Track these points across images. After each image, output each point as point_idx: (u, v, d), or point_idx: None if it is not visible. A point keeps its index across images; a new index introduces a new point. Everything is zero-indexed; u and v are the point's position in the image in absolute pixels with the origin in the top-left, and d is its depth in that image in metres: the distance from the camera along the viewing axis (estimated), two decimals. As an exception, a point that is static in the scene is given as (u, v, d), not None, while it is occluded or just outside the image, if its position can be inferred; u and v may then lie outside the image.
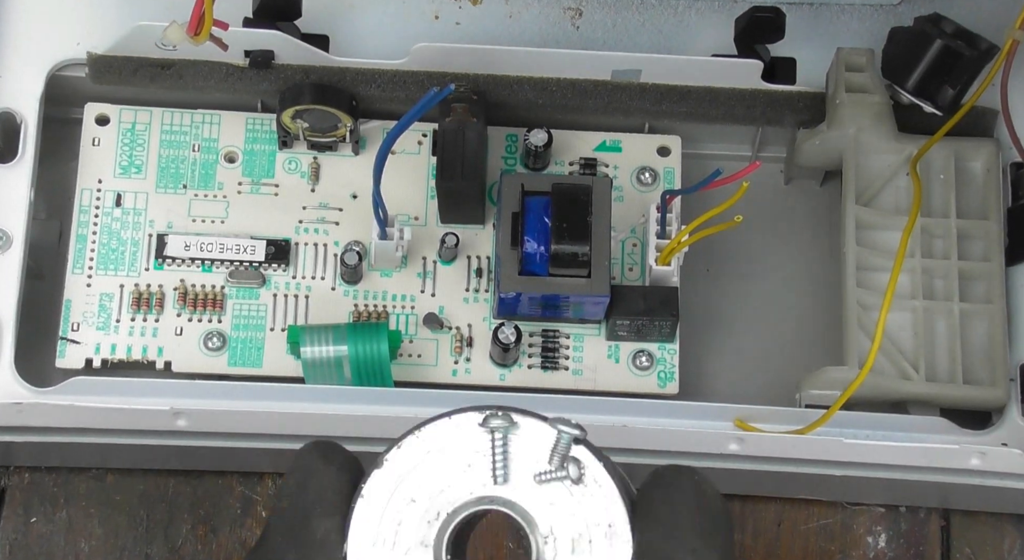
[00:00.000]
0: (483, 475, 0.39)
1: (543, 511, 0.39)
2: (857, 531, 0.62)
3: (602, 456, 0.40)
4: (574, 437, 0.39)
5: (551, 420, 0.39)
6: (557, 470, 0.39)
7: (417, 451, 0.40)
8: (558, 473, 0.39)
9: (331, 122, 0.60)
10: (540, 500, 0.39)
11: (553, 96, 0.61)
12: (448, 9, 0.65)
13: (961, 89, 0.59)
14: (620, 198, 0.62)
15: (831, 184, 0.64)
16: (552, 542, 0.39)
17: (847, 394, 0.56)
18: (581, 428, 0.39)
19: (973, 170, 0.61)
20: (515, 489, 0.39)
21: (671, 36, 0.64)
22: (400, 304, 0.61)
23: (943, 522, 0.62)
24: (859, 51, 0.60)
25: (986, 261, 0.60)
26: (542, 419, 0.40)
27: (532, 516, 0.39)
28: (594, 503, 0.39)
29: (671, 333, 0.60)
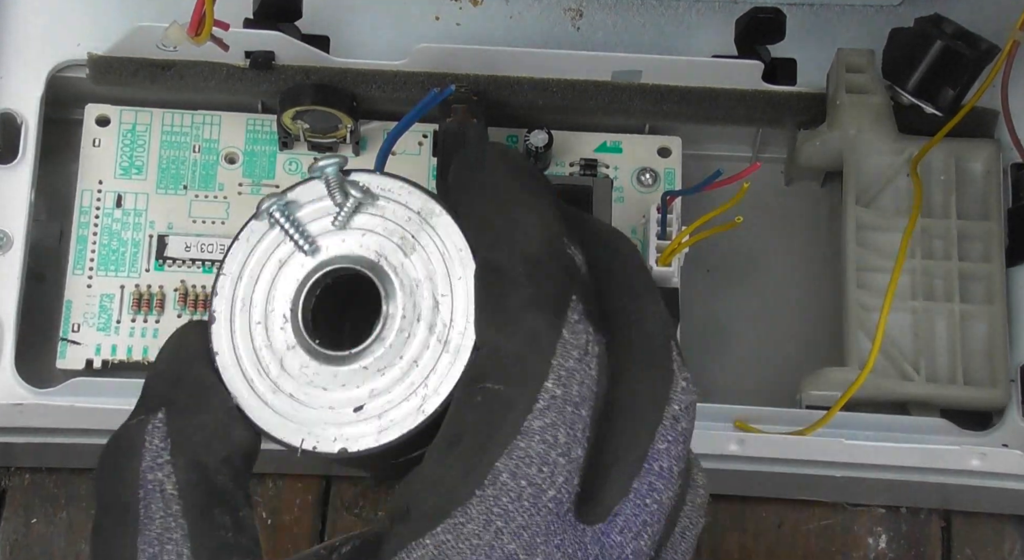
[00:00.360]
0: (297, 258, 0.38)
1: (365, 244, 0.37)
2: (858, 532, 0.62)
3: (372, 170, 0.39)
4: (337, 165, 0.38)
5: (311, 170, 0.38)
6: (344, 203, 0.38)
7: (233, 271, 0.38)
8: (347, 204, 0.38)
9: (332, 123, 0.60)
10: (355, 241, 0.38)
11: (553, 97, 0.61)
12: (449, 10, 0.65)
13: (962, 90, 0.59)
14: (620, 199, 0.62)
15: (832, 185, 0.64)
16: (398, 255, 0.37)
17: (847, 395, 0.56)
18: (341, 156, 0.38)
19: (973, 171, 0.61)
20: (329, 247, 0.38)
21: (672, 37, 0.64)
22: (400, 305, 0.61)
23: (944, 523, 0.62)
24: (860, 52, 0.60)
25: (986, 262, 0.60)
26: (308, 180, 0.38)
27: (360, 254, 0.37)
28: (396, 209, 0.38)
29: (671, 334, 0.60)
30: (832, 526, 0.62)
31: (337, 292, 0.38)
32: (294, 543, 0.61)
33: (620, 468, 0.33)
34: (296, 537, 0.61)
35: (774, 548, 0.62)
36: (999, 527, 0.62)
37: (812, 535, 0.62)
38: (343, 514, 0.61)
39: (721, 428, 0.57)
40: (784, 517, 0.62)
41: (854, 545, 0.61)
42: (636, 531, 0.33)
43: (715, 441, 0.56)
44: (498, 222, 0.35)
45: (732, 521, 0.62)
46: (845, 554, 0.61)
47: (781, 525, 0.62)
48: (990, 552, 0.62)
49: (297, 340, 0.38)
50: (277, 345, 0.38)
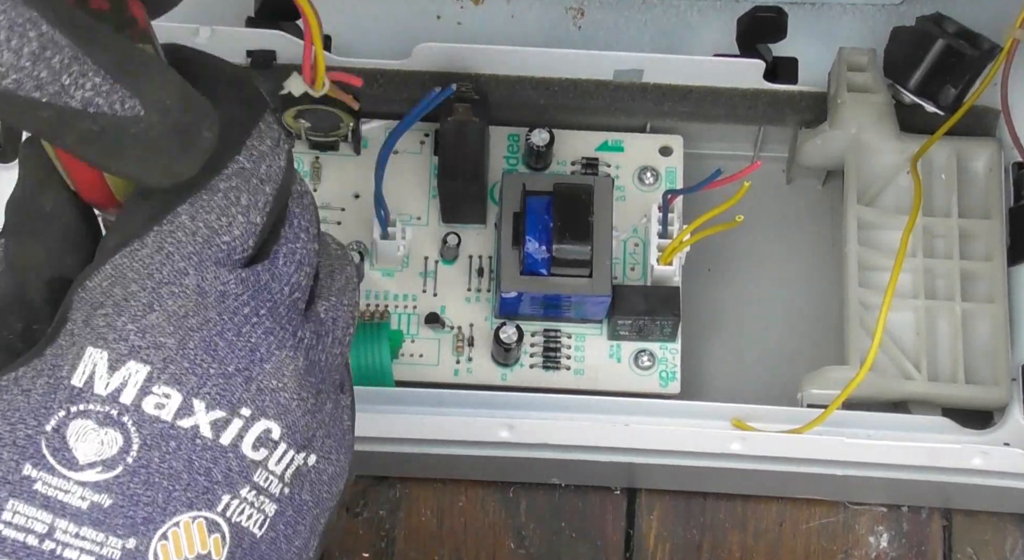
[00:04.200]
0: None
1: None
2: (859, 531, 0.62)
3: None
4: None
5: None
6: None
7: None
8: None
9: (333, 122, 0.60)
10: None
11: (555, 96, 0.61)
12: (450, 9, 0.65)
13: (963, 89, 0.59)
14: (622, 198, 0.62)
15: (833, 184, 0.64)
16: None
17: (846, 393, 0.56)
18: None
19: (975, 170, 0.61)
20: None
21: (673, 36, 0.65)
22: (401, 304, 0.61)
23: (945, 522, 0.62)
24: (861, 51, 0.60)
25: (988, 261, 0.60)
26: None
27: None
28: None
29: (673, 333, 0.60)
30: (833, 525, 0.62)
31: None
32: (295, 542, 0.61)
33: (274, 228, 0.39)
34: (297, 536, 0.61)
35: (775, 547, 0.62)
36: (1000, 526, 0.62)
37: (813, 534, 0.62)
38: (343, 514, 0.61)
39: (722, 427, 0.57)
40: (785, 516, 0.62)
41: (855, 544, 0.61)
42: (295, 265, 0.39)
43: (716, 440, 0.56)
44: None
45: (733, 520, 0.62)
46: (846, 553, 0.61)
47: (782, 524, 0.62)
48: (991, 551, 0.62)
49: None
50: None
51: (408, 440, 0.56)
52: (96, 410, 0.37)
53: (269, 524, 0.38)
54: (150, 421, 0.37)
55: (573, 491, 0.62)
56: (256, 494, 0.38)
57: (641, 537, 0.62)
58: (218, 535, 0.37)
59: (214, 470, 0.37)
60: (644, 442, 0.56)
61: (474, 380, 0.60)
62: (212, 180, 0.37)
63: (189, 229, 0.37)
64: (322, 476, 0.40)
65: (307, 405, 0.39)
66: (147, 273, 0.37)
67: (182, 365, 0.37)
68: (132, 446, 0.37)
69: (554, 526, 0.61)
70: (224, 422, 0.37)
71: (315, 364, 0.39)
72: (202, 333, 0.37)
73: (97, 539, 0.36)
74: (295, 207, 0.39)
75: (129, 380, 0.37)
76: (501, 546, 0.61)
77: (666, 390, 0.60)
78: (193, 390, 0.37)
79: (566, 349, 0.60)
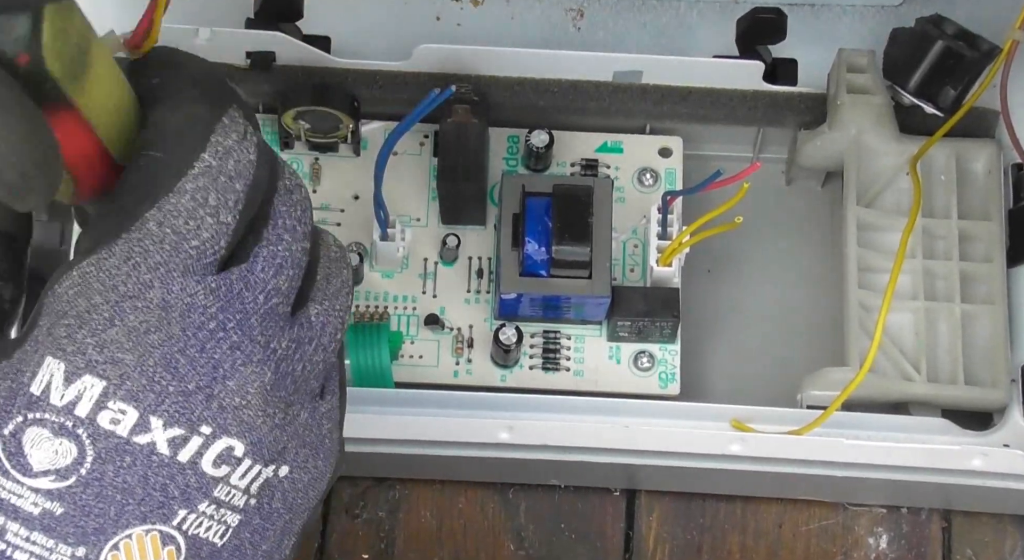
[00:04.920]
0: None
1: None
2: (858, 532, 0.62)
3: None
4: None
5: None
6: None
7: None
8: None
9: (332, 123, 0.60)
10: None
11: (554, 97, 0.61)
12: (449, 10, 0.65)
13: (963, 90, 0.59)
14: (621, 199, 0.62)
15: (832, 185, 0.64)
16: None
17: (845, 394, 0.56)
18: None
19: (974, 171, 0.61)
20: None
21: (672, 37, 0.65)
22: (401, 305, 0.61)
23: (944, 523, 0.62)
24: (860, 52, 0.60)
25: (987, 262, 0.60)
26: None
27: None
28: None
29: (672, 334, 0.60)
30: (833, 526, 0.62)
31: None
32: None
33: (253, 224, 0.38)
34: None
35: (775, 548, 0.62)
36: (1000, 527, 0.62)
37: (813, 535, 0.62)
38: (343, 516, 0.61)
39: (722, 428, 0.57)
40: (785, 517, 0.62)
41: (855, 545, 0.61)
42: (274, 269, 0.38)
43: (716, 441, 0.56)
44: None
45: (733, 521, 0.62)
46: (846, 554, 0.61)
47: (782, 525, 0.62)
48: (991, 552, 0.62)
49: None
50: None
51: (408, 441, 0.56)
52: (51, 420, 0.37)
53: (232, 534, 0.38)
54: (105, 435, 0.37)
55: (573, 492, 0.62)
56: (216, 508, 0.38)
57: (641, 538, 0.62)
58: (172, 547, 0.37)
59: (170, 486, 0.37)
60: (644, 443, 0.56)
61: (474, 381, 0.60)
62: (179, 182, 0.37)
63: (156, 237, 0.37)
64: (296, 484, 0.39)
65: (274, 420, 0.38)
66: (112, 285, 0.37)
67: (139, 382, 0.37)
68: (86, 458, 0.37)
69: (554, 527, 0.61)
70: (182, 440, 0.37)
71: (287, 376, 0.39)
72: (163, 350, 0.37)
73: (47, 545, 0.36)
74: (280, 205, 0.39)
75: (84, 394, 0.37)
76: (501, 547, 0.61)
77: (665, 391, 0.60)
78: (150, 407, 0.37)
79: (566, 350, 0.60)
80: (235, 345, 0.38)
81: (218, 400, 0.37)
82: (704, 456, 0.56)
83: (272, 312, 0.38)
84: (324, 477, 0.40)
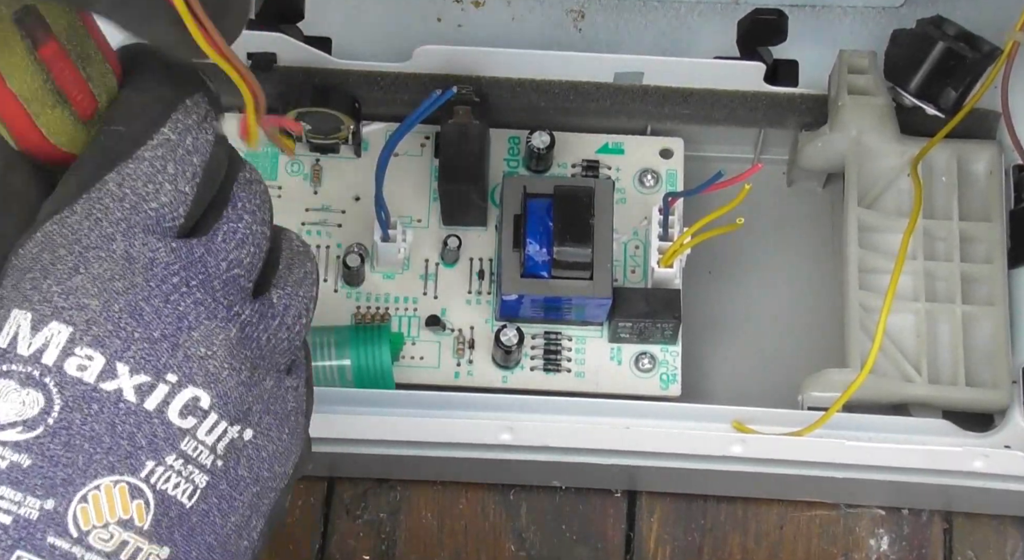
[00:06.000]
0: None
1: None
2: (859, 533, 0.62)
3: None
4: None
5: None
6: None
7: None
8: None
9: (333, 124, 0.61)
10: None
11: (555, 98, 0.61)
12: (450, 11, 0.65)
13: (964, 91, 0.59)
14: (622, 200, 0.62)
15: (833, 186, 0.64)
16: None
17: (846, 395, 0.56)
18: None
19: (976, 172, 0.61)
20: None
21: (673, 38, 0.65)
22: (402, 306, 0.61)
23: (946, 525, 0.62)
24: (861, 53, 0.60)
25: (988, 263, 0.60)
26: None
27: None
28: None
29: (673, 335, 0.60)
30: (834, 528, 0.62)
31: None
32: (296, 545, 0.61)
33: (213, 202, 0.40)
34: (298, 539, 0.61)
35: (776, 549, 0.62)
36: (1001, 528, 0.62)
37: (814, 536, 0.62)
38: (343, 517, 0.61)
39: (723, 430, 0.57)
40: (786, 518, 0.62)
41: (856, 546, 0.61)
42: (236, 243, 0.39)
43: (717, 443, 0.56)
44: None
45: (734, 523, 0.62)
46: (847, 555, 0.61)
47: (783, 526, 0.62)
48: (992, 553, 0.62)
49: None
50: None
51: (409, 443, 0.56)
52: (18, 370, 0.37)
53: (200, 496, 0.38)
54: (72, 383, 0.37)
55: (574, 493, 0.62)
56: (184, 463, 0.38)
57: (642, 540, 0.62)
58: (141, 501, 0.37)
59: (137, 435, 0.37)
60: (645, 445, 0.56)
61: (475, 382, 0.60)
62: (138, 150, 0.38)
63: (116, 195, 0.38)
64: (261, 452, 0.40)
65: (240, 377, 0.39)
66: (75, 239, 0.38)
67: (105, 327, 0.37)
68: (53, 407, 0.37)
69: (555, 529, 0.61)
70: (149, 387, 0.37)
71: (252, 339, 0.39)
72: (127, 297, 0.38)
73: (15, 498, 0.36)
74: (240, 191, 0.40)
75: (51, 340, 0.37)
76: (502, 548, 0.61)
77: (667, 392, 0.60)
78: (117, 353, 0.37)
79: (567, 351, 0.60)
80: (199, 301, 0.38)
81: (183, 349, 0.38)
82: (705, 457, 0.56)
83: (234, 281, 0.39)
84: (289, 454, 0.41)
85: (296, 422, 0.41)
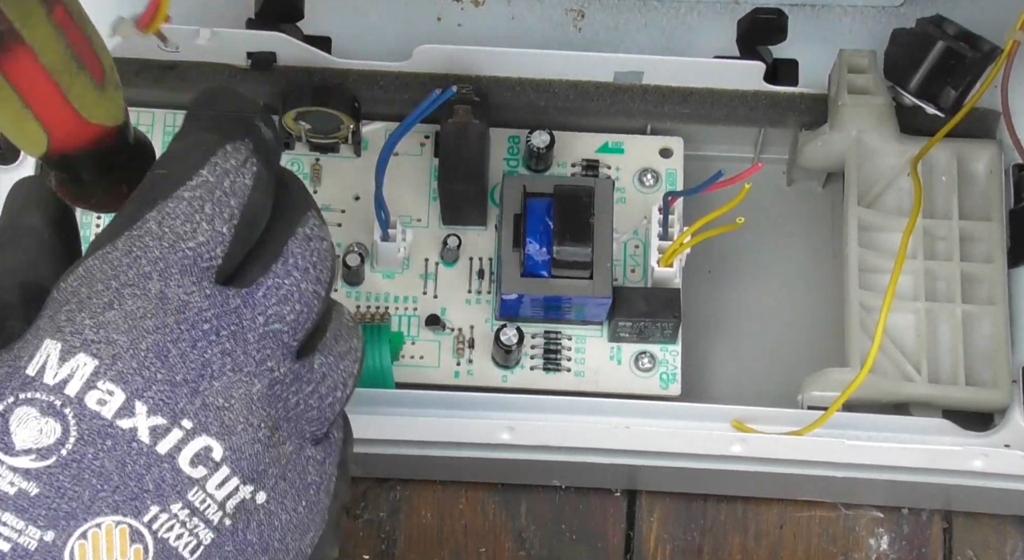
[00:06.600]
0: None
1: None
2: (859, 533, 0.62)
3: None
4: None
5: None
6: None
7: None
8: None
9: (333, 124, 0.61)
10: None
11: (555, 98, 0.61)
12: (450, 11, 0.65)
13: (964, 90, 0.59)
14: (622, 200, 0.62)
15: (833, 186, 0.64)
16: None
17: (846, 394, 0.56)
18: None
19: (976, 171, 0.61)
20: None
21: (673, 38, 0.64)
22: (402, 306, 0.61)
23: (945, 524, 0.62)
24: (861, 53, 0.60)
25: (988, 263, 0.60)
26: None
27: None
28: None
29: (673, 334, 0.60)
30: (834, 527, 0.62)
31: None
32: (296, 544, 0.61)
33: (262, 255, 0.40)
34: (298, 538, 0.61)
35: (776, 549, 0.62)
36: (1001, 528, 0.62)
37: (814, 536, 0.62)
38: (344, 516, 0.61)
39: (723, 429, 0.57)
40: (786, 518, 0.62)
41: (855, 546, 0.61)
42: (278, 299, 0.40)
43: (717, 442, 0.56)
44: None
45: (734, 522, 0.62)
46: (847, 555, 0.61)
47: (783, 526, 0.62)
48: (992, 553, 0.62)
49: None
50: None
51: (408, 442, 0.56)
52: (41, 399, 0.37)
53: (203, 553, 0.38)
54: (90, 416, 0.37)
55: (574, 493, 0.62)
56: (190, 514, 0.37)
57: (642, 539, 0.62)
58: (140, 546, 0.37)
59: (146, 477, 0.37)
60: (645, 444, 0.56)
61: (475, 382, 0.60)
62: (177, 190, 0.39)
63: (156, 234, 0.39)
64: (273, 520, 0.39)
65: (256, 433, 0.39)
66: (113, 275, 0.38)
67: (130, 364, 0.37)
68: (69, 438, 0.37)
69: (555, 528, 0.61)
70: (164, 430, 0.37)
71: (280, 399, 0.39)
72: (156, 336, 0.38)
73: (17, 526, 0.36)
74: (296, 247, 0.40)
75: (76, 372, 0.37)
76: (501, 548, 0.61)
77: (666, 392, 0.60)
78: (137, 392, 0.37)
79: (567, 351, 0.60)
80: (227, 351, 0.39)
81: (202, 397, 0.38)
82: (705, 457, 0.56)
83: (272, 335, 0.39)
84: (306, 530, 0.40)
85: (316, 497, 0.40)
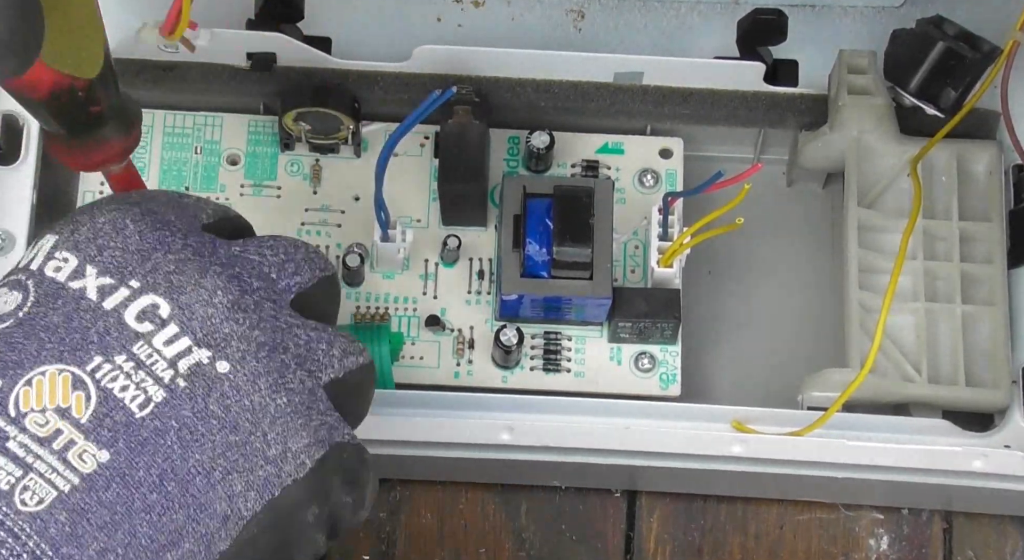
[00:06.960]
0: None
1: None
2: (859, 533, 0.62)
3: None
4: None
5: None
6: None
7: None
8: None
9: (333, 124, 0.60)
10: None
11: (555, 98, 0.61)
12: (450, 11, 0.65)
13: (964, 91, 0.59)
14: (622, 200, 0.62)
15: (833, 186, 0.64)
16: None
17: (845, 395, 0.56)
18: None
19: (975, 172, 0.61)
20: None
21: (673, 38, 0.64)
22: (402, 306, 0.61)
23: (945, 525, 0.62)
24: (861, 53, 0.60)
25: (988, 263, 0.60)
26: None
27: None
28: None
29: (673, 335, 0.60)
30: (834, 527, 0.62)
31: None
32: (296, 544, 0.61)
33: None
34: (298, 538, 0.61)
35: (776, 550, 0.62)
36: (1001, 528, 0.62)
37: (814, 536, 0.62)
38: (345, 515, 0.61)
39: (723, 430, 0.57)
40: (786, 518, 0.62)
41: (855, 546, 0.61)
42: (277, 262, 0.43)
43: (717, 442, 0.56)
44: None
45: (734, 522, 0.62)
46: (847, 555, 0.61)
47: (783, 526, 0.62)
48: (992, 553, 0.62)
49: None
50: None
51: (408, 443, 0.56)
52: (12, 278, 0.41)
53: (154, 410, 0.39)
54: (48, 282, 0.40)
55: (574, 493, 0.62)
56: (135, 367, 0.39)
57: (641, 540, 0.62)
58: (82, 393, 0.39)
59: (91, 330, 0.39)
60: (644, 444, 0.56)
61: (474, 382, 0.60)
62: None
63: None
64: (242, 398, 0.40)
65: (210, 297, 0.41)
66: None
67: (86, 235, 0.41)
68: (27, 303, 0.40)
69: (554, 528, 0.61)
70: (111, 288, 0.40)
71: (235, 278, 0.42)
72: (114, 215, 0.41)
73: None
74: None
75: (40, 249, 0.42)
76: (501, 548, 0.61)
77: (666, 392, 0.60)
78: (90, 257, 0.40)
79: (566, 351, 0.60)
80: (179, 230, 0.42)
81: (152, 262, 0.41)
82: (705, 457, 0.56)
83: (215, 227, 0.44)
84: (285, 421, 0.40)
85: (301, 392, 0.41)
